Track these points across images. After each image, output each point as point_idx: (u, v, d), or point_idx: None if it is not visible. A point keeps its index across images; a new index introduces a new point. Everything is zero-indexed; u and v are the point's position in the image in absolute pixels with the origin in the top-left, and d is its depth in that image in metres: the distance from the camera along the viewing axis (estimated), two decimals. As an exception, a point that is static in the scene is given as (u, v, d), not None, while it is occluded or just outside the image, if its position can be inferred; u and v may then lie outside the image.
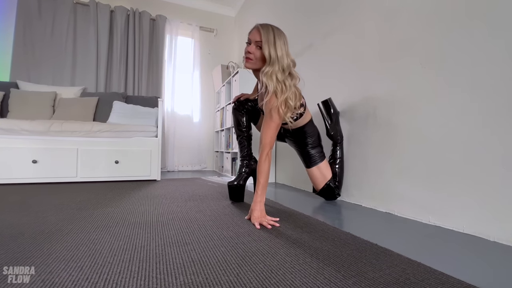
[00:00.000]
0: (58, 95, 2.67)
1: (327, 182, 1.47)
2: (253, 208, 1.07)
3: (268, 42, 1.07)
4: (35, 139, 2.02)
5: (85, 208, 1.24)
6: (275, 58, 1.07)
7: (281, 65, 1.08)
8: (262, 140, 1.13)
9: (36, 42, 2.87)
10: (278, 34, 1.10)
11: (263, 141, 1.13)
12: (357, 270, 0.65)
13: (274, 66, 1.08)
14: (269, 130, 1.12)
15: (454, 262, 0.72)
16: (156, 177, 2.33)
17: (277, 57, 1.08)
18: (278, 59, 1.08)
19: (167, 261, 0.68)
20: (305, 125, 1.42)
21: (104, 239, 0.83)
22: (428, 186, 1.12)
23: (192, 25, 3.59)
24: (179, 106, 3.52)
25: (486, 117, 0.94)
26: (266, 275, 0.61)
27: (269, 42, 1.07)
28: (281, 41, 1.10)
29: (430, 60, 1.13)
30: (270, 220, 1.04)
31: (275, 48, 1.07)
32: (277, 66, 1.08)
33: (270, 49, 1.07)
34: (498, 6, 0.92)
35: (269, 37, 1.08)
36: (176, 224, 1.01)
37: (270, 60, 1.08)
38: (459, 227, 1.00)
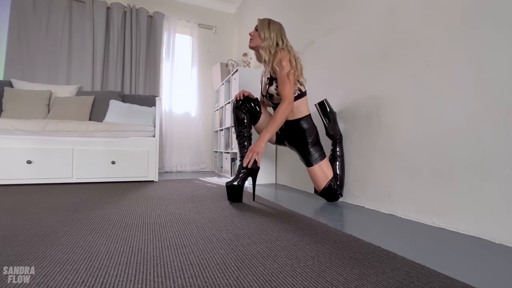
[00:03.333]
0: (53, 93, 2.67)
1: (328, 181, 1.47)
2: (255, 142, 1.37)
3: (262, 25, 1.48)
4: (29, 139, 2.02)
5: (81, 210, 1.24)
6: (268, 37, 1.45)
7: (273, 42, 1.46)
8: (282, 93, 1.39)
9: (31, 39, 2.87)
10: (272, 22, 1.50)
11: (282, 94, 1.38)
12: (359, 273, 0.64)
13: (267, 41, 1.46)
14: (285, 84, 1.38)
15: (459, 265, 0.72)
16: (153, 178, 2.33)
17: (270, 36, 1.46)
18: (271, 38, 1.46)
19: (164, 264, 0.68)
20: (302, 118, 1.50)
21: (100, 242, 0.83)
22: (433, 187, 1.12)
23: (191, 22, 3.59)
24: (177, 105, 3.52)
25: (492, 117, 0.94)
26: (266, 279, 0.61)
27: (264, 26, 1.48)
28: (275, 26, 1.49)
29: (434, 58, 1.13)
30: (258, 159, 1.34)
31: (269, 30, 1.47)
32: (270, 42, 1.45)
33: (264, 30, 1.47)
34: (505, 3, 0.92)
35: (264, 22, 1.49)
36: (174, 226, 1.01)
37: (264, 38, 1.46)
38: (464, 229, 1.00)
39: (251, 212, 1.26)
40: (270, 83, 1.49)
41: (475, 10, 1.00)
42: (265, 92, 1.55)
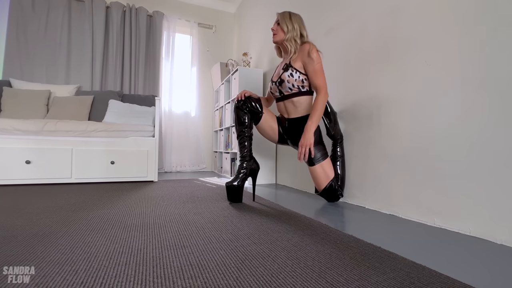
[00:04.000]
0: (52, 93, 2.67)
1: (329, 181, 1.47)
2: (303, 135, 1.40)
3: (284, 18, 1.52)
4: (28, 139, 2.02)
5: (80, 210, 1.24)
6: (292, 28, 1.49)
7: (298, 32, 1.50)
8: (317, 84, 1.43)
9: (30, 38, 2.87)
10: (293, 14, 1.54)
11: (318, 84, 1.42)
12: (360, 274, 0.64)
13: (291, 33, 1.49)
14: (318, 75, 1.42)
15: (460, 266, 0.72)
16: (153, 178, 2.33)
17: (293, 28, 1.49)
18: (295, 29, 1.49)
19: (164, 264, 0.68)
20: (306, 116, 1.50)
21: (99, 242, 0.83)
22: (434, 188, 1.12)
23: (190, 22, 3.60)
24: (176, 105, 3.52)
25: (493, 117, 0.94)
26: (266, 279, 0.61)
27: (285, 18, 1.51)
28: (296, 17, 1.53)
29: (435, 57, 1.13)
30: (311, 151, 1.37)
31: (291, 22, 1.50)
32: (294, 32, 1.49)
33: (286, 23, 1.50)
34: (507, 2, 0.92)
35: (285, 15, 1.53)
36: (173, 226, 1.01)
37: (288, 30, 1.49)
38: (465, 230, 1.00)
39: (251, 212, 1.26)
40: (286, 69, 1.49)
41: (477, 9, 1.00)
42: (277, 78, 1.54)
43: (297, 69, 1.47)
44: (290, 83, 1.48)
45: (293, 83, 1.47)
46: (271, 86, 1.60)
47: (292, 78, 1.47)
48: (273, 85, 1.58)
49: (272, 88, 1.60)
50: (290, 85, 1.48)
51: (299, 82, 1.47)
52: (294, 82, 1.47)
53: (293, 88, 1.48)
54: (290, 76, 1.47)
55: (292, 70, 1.47)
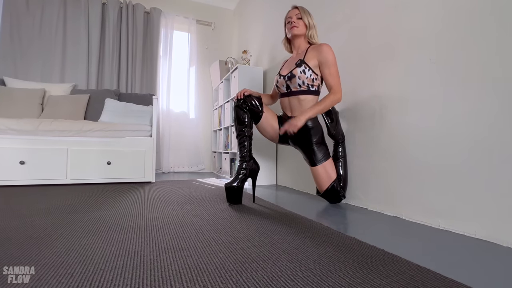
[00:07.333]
0: (47, 92, 2.67)
1: (332, 182, 1.47)
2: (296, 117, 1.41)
3: (305, 13, 1.56)
4: (22, 139, 2.02)
5: (76, 212, 1.24)
6: (313, 25, 1.56)
7: (316, 30, 1.59)
8: (332, 84, 1.45)
9: (24, 36, 2.87)
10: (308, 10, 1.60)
11: (334, 85, 1.45)
12: (362, 277, 0.65)
13: (313, 30, 1.57)
14: (335, 77, 1.45)
15: (465, 269, 0.72)
16: (150, 179, 2.33)
17: (314, 25, 1.57)
18: (315, 27, 1.58)
19: (162, 267, 0.68)
20: None
21: (95, 245, 0.83)
22: (438, 189, 1.12)
23: (189, 19, 3.60)
24: (174, 104, 3.52)
25: (498, 116, 0.94)
26: (266, 283, 0.61)
27: (306, 13, 1.56)
28: (311, 15, 1.59)
29: (439, 55, 1.13)
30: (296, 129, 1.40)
31: (312, 19, 1.57)
32: (314, 31, 1.57)
33: (308, 18, 1.55)
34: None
35: (305, 10, 1.58)
36: (171, 228, 1.01)
37: (309, 26, 1.55)
38: (470, 232, 1.00)
39: (251, 214, 1.26)
40: (299, 65, 1.48)
41: (483, 7, 1.00)
42: (287, 71, 1.54)
43: (310, 67, 1.47)
44: (300, 80, 1.48)
45: (304, 80, 1.47)
46: (278, 80, 1.59)
47: (304, 75, 1.47)
48: (281, 79, 1.57)
49: (279, 82, 1.59)
50: (300, 81, 1.48)
51: (310, 81, 1.47)
52: (305, 79, 1.47)
53: (302, 85, 1.49)
54: (302, 72, 1.47)
55: (306, 67, 1.47)
